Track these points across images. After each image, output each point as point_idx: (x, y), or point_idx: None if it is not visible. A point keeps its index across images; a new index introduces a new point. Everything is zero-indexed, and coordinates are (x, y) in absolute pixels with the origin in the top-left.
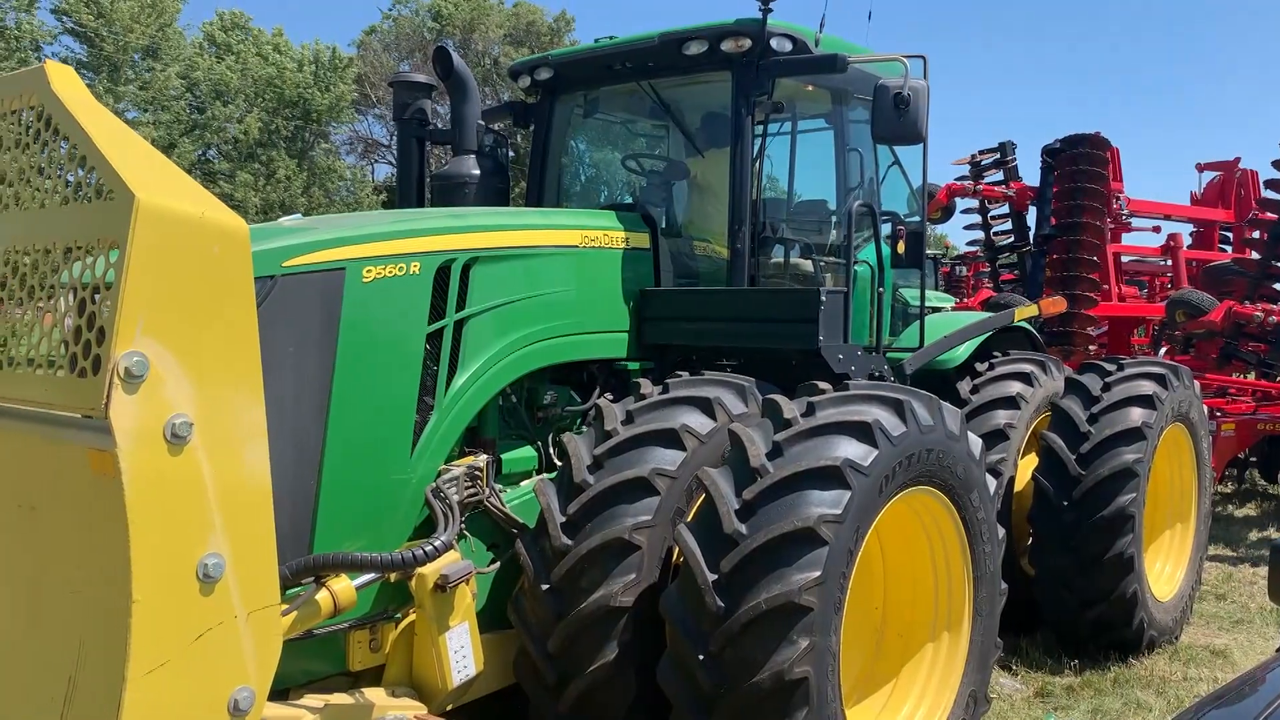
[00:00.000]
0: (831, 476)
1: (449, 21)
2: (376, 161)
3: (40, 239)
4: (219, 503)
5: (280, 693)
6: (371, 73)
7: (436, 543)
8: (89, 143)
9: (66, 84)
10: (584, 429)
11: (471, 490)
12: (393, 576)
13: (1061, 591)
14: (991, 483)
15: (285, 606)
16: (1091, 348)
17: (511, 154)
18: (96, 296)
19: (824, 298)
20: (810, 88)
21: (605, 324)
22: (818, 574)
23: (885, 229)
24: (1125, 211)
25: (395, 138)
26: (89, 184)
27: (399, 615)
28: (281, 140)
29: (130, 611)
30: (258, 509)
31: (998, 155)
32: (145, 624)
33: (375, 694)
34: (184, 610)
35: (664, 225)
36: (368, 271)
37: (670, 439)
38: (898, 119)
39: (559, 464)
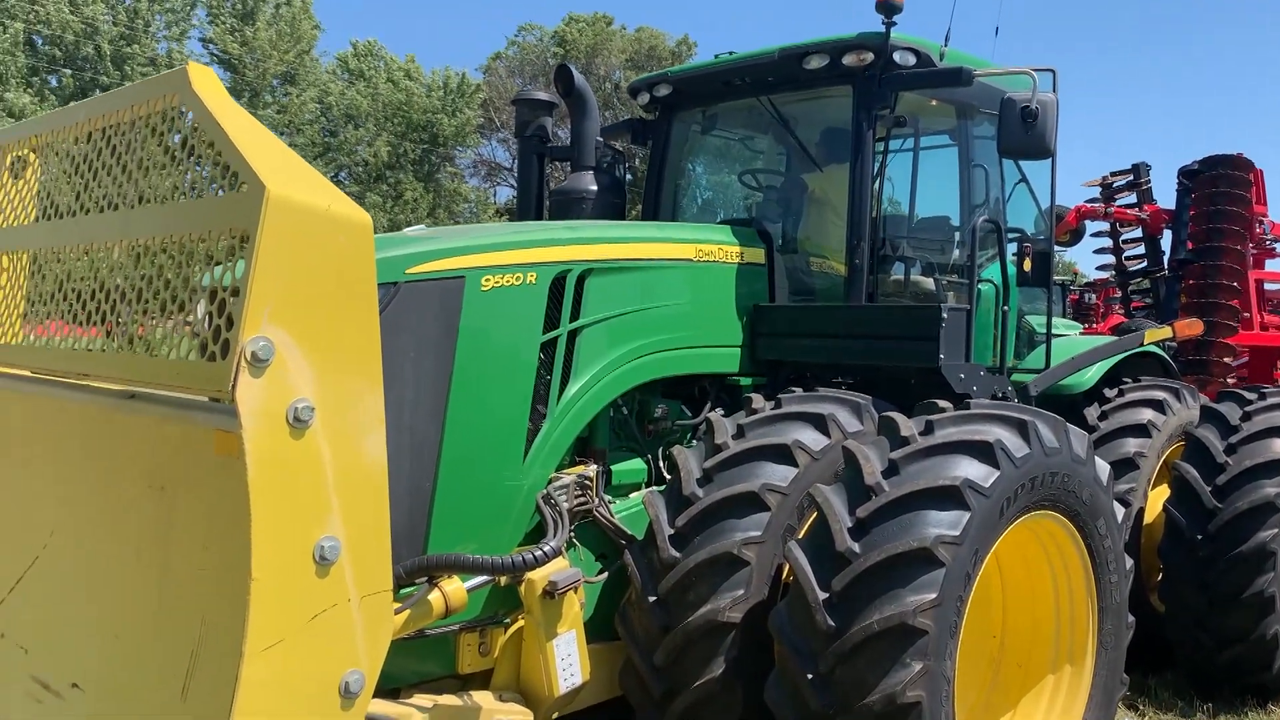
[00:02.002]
0: (950, 497)
1: (573, 46)
2: (499, 184)
3: (173, 230)
4: (337, 487)
5: (391, 692)
6: (496, 97)
7: (546, 548)
8: (224, 137)
9: (206, 84)
10: (694, 443)
11: (581, 499)
12: (503, 580)
13: (1194, 630)
14: (1119, 510)
15: (399, 604)
16: (1230, 379)
17: (629, 177)
18: (226, 284)
19: (945, 314)
20: (934, 102)
21: (718, 339)
22: (933, 596)
23: (1011, 247)
24: (1269, 236)
25: (517, 157)
26: (222, 178)
27: (508, 620)
28: (409, 163)
29: (249, 589)
30: (374, 495)
31: (1131, 177)
32: (263, 602)
33: (483, 697)
34: (300, 590)
35: (780, 241)
36: (486, 280)
37: (782, 454)
38: (1025, 133)
39: (668, 477)
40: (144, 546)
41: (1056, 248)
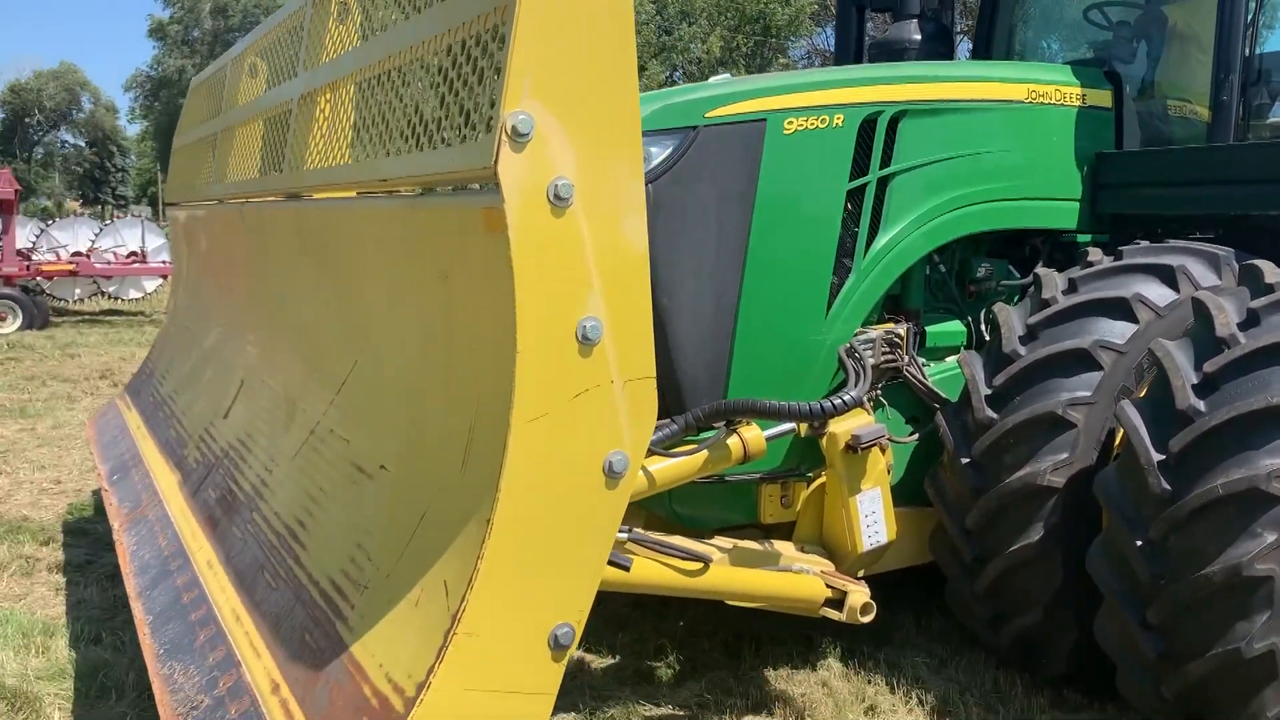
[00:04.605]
0: None
1: None
2: None
3: (450, 24)
4: (598, 268)
5: (695, 535)
6: None
7: (846, 397)
8: None
9: None
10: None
11: (889, 356)
12: (802, 430)
13: None
14: None
15: (696, 446)
16: None
17: (965, 46)
18: (485, 62)
19: None
20: None
21: (1052, 190)
22: None
23: None
24: None
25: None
26: None
27: (810, 475)
28: (741, 58)
29: (516, 362)
30: (635, 279)
31: None
32: (528, 375)
33: (784, 546)
34: (564, 367)
35: (1132, 83)
36: (789, 123)
37: (1119, 309)
38: None
39: (989, 339)
40: (433, 334)
41: None
